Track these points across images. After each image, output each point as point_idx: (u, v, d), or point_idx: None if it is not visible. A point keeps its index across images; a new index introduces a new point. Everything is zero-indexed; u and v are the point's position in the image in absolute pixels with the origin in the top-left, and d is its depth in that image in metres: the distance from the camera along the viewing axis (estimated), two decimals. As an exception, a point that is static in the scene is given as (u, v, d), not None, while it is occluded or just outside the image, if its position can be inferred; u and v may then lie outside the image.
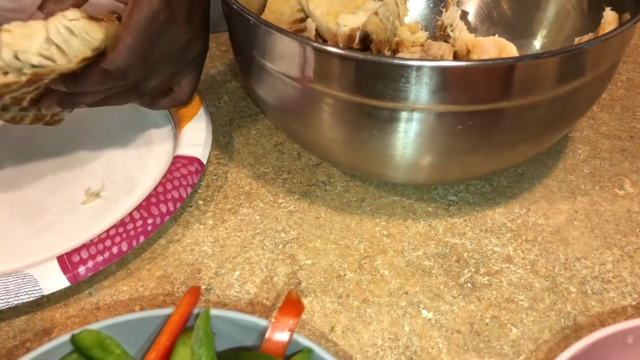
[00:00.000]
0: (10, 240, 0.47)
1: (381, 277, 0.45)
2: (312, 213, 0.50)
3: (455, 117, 0.40)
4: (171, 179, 0.48)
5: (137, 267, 0.45)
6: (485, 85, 0.38)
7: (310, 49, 0.39)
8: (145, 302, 0.43)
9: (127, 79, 0.45)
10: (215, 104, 0.61)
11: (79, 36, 0.41)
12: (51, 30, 0.41)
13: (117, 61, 0.43)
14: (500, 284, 0.44)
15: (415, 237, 0.48)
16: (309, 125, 0.44)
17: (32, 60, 0.41)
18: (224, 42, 0.69)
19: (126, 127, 0.57)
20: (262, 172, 0.53)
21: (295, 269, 0.45)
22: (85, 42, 0.42)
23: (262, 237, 0.48)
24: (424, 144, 0.41)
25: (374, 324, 0.42)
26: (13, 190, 0.51)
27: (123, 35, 0.43)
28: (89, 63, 0.43)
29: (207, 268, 0.45)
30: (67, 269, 0.42)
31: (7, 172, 0.52)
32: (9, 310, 0.43)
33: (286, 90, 0.43)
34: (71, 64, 0.42)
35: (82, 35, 0.42)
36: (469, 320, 0.42)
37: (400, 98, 0.38)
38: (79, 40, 0.42)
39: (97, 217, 0.48)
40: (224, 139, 0.57)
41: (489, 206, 0.50)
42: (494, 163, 0.45)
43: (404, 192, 0.51)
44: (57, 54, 0.41)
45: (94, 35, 0.42)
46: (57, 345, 0.33)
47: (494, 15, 0.60)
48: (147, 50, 0.44)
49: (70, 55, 0.42)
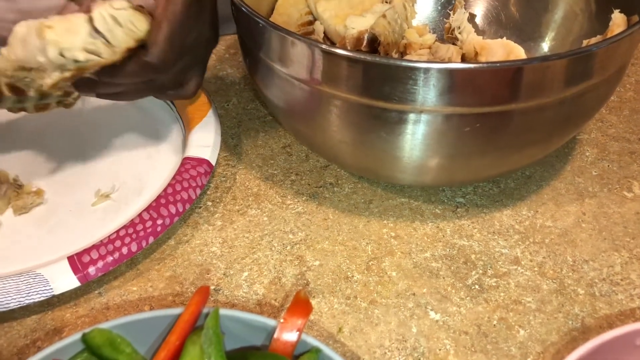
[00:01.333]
0: (21, 240, 0.48)
1: (389, 279, 0.45)
2: (320, 214, 0.50)
3: (463, 119, 0.40)
4: (180, 180, 0.49)
5: (147, 267, 0.46)
6: (493, 87, 0.39)
7: (319, 51, 0.39)
8: (154, 302, 0.43)
9: (165, 71, 0.45)
10: (224, 106, 0.61)
11: (124, 26, 0.41)
12: (97, 18, 0.40)
13: (158, 53, 0.43)
14: (508, 285, 0.44)
15: (422, 239, 0.48)
16: (317, 127, 0.44)
17: (78, 56, 0.41)
18: (232, 45, 0.69)
19: (135, 129, 0.57)
20: (271, 173, 0.54)
21: (303, 270, 0.46)
22: (130, 33, 0.42)
23: (270, 238, 0.48)
24: (432, 146, 0.41)
25: (381, 325, 0.42)
26: (24, 191, 0.52)
27: (162, 26, 0.43)
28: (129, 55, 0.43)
29: (215, 269, 0.46)
30: (77, 269, 0.43)
31: (18, 174, 0.52)
32: (21, 310, 0.43)
33: (294, 93, 0.44)
34: (115, 56, 0.42)
35: (128, 26, 0.41)
36: (477, 322, 0.42)
37: (408, 100, 0.39)
38: (124, 30, 0.41)
39: (107, 218, 0.49)
40: (232, 141, 0.57)
41: (496, 208, 0.50)
42: (502, 165, 0.46)
43: (412, 194, 0.51)
44: (103, 47, 0.41)
45: (139, 26, 0.42)
46: (68, 344, 0.33)
47: (501, 17, 0.60)
48: (181, 43, 0.44)
49: (115, 46, 0.41)
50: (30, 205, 0.50)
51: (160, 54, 0.43)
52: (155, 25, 0.43)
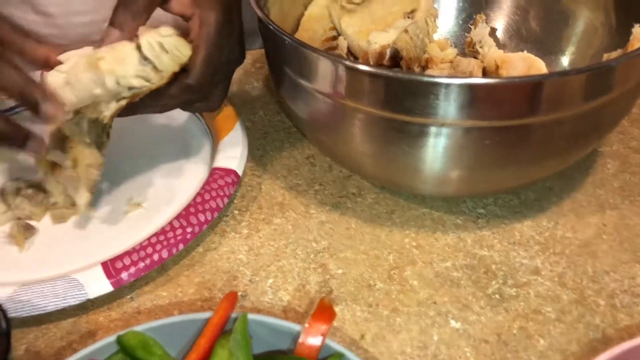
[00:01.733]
0: (58, 247, 0.50)
1: (410, 288, 0.46)
2: (342, 224, 0.51)
3: (483, 132, 0.41)
4: (209, 189, 0.51)
5: (177, 273, 0.48)
6: (513, 101, 0.40)
7: (342, 67, 0.41)
8: (183, 307, 0.45)
9: (203, 91, 0.47)
10: (251, 118, 0.63)
11: (170, 52, 0.43)
12: (144, 45, 0.42)
13: (197, 75, 0.45)
14: (528, 295, 0.45)
15: (444, 249, 0.49)
16: (341, 139, 0.46)
17: (134, 83, 0.43)
18: (259, 59, 0.71)
19: (167, 140, 0.60)
20: (295, 183, 0.55)
21: (326, 278, 0.47)
22: (175, 58, 0.43)
23: (295, 246, 0.50)
24: (453, 158, 0.43)
25: (403, 333, 0.43)
26: (60, 199, 0.54)
27: (200, 49, 0.44)
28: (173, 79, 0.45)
29: (242, 275, 0.47)
30: (110, 274, 0.45)
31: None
32: (57, 313, 0.45)
33: (318, 106, 0.45)
34: (162, 81, 0.44)
35: (173, 52, 0.43)
36: (497, 331, 0.43)
37: (429, 114, 0.40)
38: (170, 56, 0.43)
39: (139, 226, 0.51)
40: (258, 152, 0.59)
41: (517, 219, 0.51)
42: (522, 177, 0.46)
43: (433, 205, 0.52)
44: (152, 73, 0.43)
45: (183, 52, 0.44)
46: (104, 346, 0.35)
47: (522, 31, 0.61)
48: (216, 63, 0.46)
49: (162, 72, 0.43)
50: (68, 214, 0.52)
51: (200, 76, 0.45)
52: (194, 49, 0.45)
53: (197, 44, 0.45)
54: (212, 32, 0.45)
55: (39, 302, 0.43)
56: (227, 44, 0.47)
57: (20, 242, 0.50)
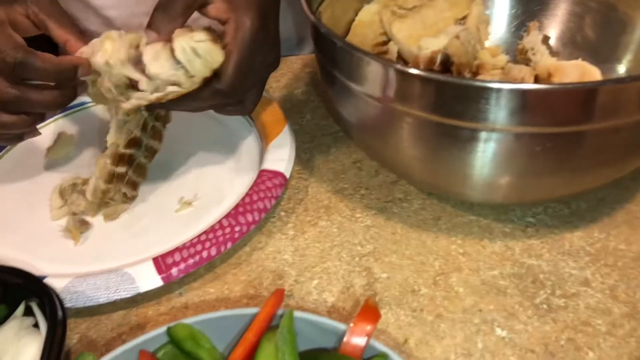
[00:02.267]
0: (111, 242, 0.52)
1: (456, 294, 0.46)
2: (388, 228, 0.51)
3: (534, 138, 0.40)
4: (257, 190, 0.51)
5: (224, 271, 0.49)
6: (566, 108, 0.39)
7: (393, 70, 0.41)
8: (230, 303, 0.46)
9: (234, 96, 0.47)
10: (299, 122, 0.64)
11: (202, 58, 0.43)
12: (177, 50, 0.43)
13: (229, 81, 0.45)
14: (577, 307, 0.44)
15: (491, 257, 0.48)
16: (389, 143, 0.46)
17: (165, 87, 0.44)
18: (309, 64, 0.72)
19: (217, 142, 0.61)
20: (341, 187, 0.56)
21: (371, 281, 0.47)
22: (207, 64, 0.43)
23: (340, 249, 0.50)
24: (502, 164, 0.42)
25: (447, 339, 0.43)
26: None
27: (232, 55, 0.45)
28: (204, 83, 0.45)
29: (287, 275, 0.48)
30: (161, 269, 0.46)
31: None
32: (108, 305, 0.47)
33: (368, 110, 0.46)
34: (194, 86, 0.44)
35: (205, 57, 0.43)
36: (544, 341, 0.42)
37: (480, 119, 0.40)
38: (202, 61, 0.43)
39: (189, 224, 0.52)
40: (305, 155, 0.60)
41: (567, 229, 0.50)
42: (573, 185, 0.46)
43: (481, 212, 0.52)
44: (183, 77, 0.43)
45: (216, 58, 0.44)
46: (154, 337, 0.36)
47: (577, 39, 0.59)
48: (248, 69, 0.46)
49: (194, 76, 0.44)
50: (120, 212, 0.54)
51: (231, 81, 0.45)
52: (227, 54, 0.45)
53: (230, 49, 0.45)
54: (247, 37, 0.45)
55: (92, 294, 0.45)
56: (261, 50, 0.47)
57: (75, 236, 0.52)
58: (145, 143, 0.54)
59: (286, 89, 0.69)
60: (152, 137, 0.55)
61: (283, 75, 0.71)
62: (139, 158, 0.54)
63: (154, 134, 0.55)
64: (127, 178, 0.53)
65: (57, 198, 0.55)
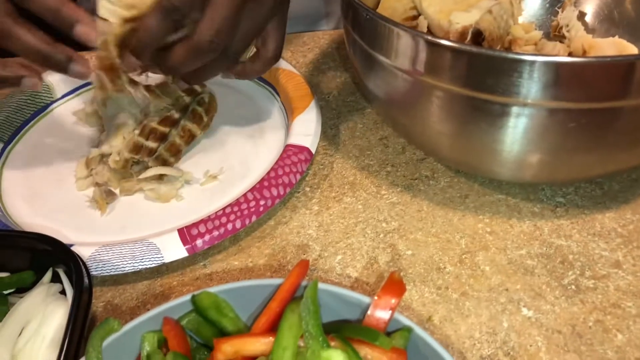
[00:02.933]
0: (137, 213, 0.52)
1: (482, 273, 0.45)
2: (414, 206, 0.51)
3: (568, 114, 0.39)
4: (282, 165, 0.51)
5: (248, 244, 0.49)
6: (602, 83, 0.38)
7: (423, 42, 0.40)
8: (254, 276, 0.46)
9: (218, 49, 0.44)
10: (325, 98, 0.63)
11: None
12: None
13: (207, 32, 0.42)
14: (607, 288, 0.43)
15: (519, 236, 0.47)
16: (417, 118, 0.45)
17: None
18: (336, 39, 0.72)
19: (243, 117, 0.61)
20: (367, 164, 0.55)
21: (395, 258, 0.46)
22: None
23: (364, 225, 0.49)
24: (534, 141, 0.41)
25: (472, 317, 0.42)
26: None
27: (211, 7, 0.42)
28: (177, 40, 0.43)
29: (311, 250, 0.48)
30: (186, 240, 0.46)
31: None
32: (133, 275, 0.47)
33: (397, 83, 0.45)
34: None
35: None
36: (571, 322, 0.41)
37: (512, 93, 0.39)
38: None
39: (214, 197, 0.52)
40: (331, 131, 0.59)
41: (598, 210, 0.49)
42: (607, 165, 0.44)
43: (510, 191, 0.51)
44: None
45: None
46: (178, 304, 0.36)
47: (614, 15, 0.57)
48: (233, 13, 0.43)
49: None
50: (135, 189, 0.54)
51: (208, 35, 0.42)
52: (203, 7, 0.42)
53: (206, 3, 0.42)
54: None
55: (117, 263, 0.45)
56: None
57: (102, 206, 0.52)
58: (182, 124, 0.54)
59: (313, 65, 0.68)
60: (192, 121, 0.55)
61: (310, 51, 0.70)
62: (174, 137, 0.54)
63: (193, 117, 0.55)
64: (157, 154, 0.53)
65: (83, 168, 0.55)
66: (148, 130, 0.52)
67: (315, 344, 0.32)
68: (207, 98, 0.56)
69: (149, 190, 0.52)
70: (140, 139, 0.52)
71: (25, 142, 0.61)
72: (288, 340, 0.32)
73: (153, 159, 0.53)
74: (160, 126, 0.53)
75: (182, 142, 0.55)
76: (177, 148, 0.54)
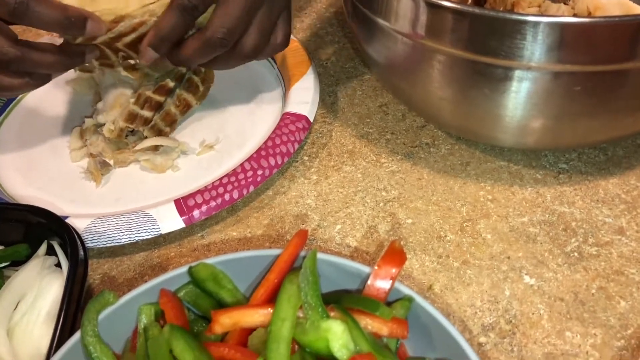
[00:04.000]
0: (133, 184, 0.51)
1: (483, 241, 0.44)
2: (414, 174, 0.50)
3: (573, 77, 0.38)
4: (280, 134, 0.50)
5: (246, 214, 0.48)
6: (609, 44, 0.37)
7: (424, 4, 0.39)
8: (252, 246, 0.45)
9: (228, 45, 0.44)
10: (323, 64, 0.62)
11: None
12: None
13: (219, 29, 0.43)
14: (610, 255, 0.42)
15: (521, 204, 0.46)
16: (418, 83, 0.44)
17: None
18: (333, 4, 0.70)
19: (239, 85, 0.59)
20: (366, 132, 0.54)
21: (395, 227, 0.46)
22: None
23: (364, 194, 0.49)
24: (537, 106, 0.40)
25: (473, 286, 0.42)
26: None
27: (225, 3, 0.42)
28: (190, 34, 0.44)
29: (310, 220, 0.47)
30: (183, 211, 0.45)
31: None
32: (130, 246, 0.47)
33: (397, 48, 0.43)
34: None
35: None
36: (574, 290, 0.41)
37: (515, 56, 0.37)
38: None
39: (211, 167, 0.51)
40: (329, 99, 0.58)
41: (602, 176, 0.48)
42: (612, 130, 0.43)
43: (512, 158, 0.50)
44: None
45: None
46: (175, 276, 0.36)
47: (620, -25, 0.56)
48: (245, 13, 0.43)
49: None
50: (129, 161, 0.53)
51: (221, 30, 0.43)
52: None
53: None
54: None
55: (114, 235, 0.45)
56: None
57: (97, 178, 0.51)
58: (178, 93, 0.53)
59: (310, 30, 0.66)
60: (187, 90, 0.53)
61: (307, 16, 0.68)
62: (169, 106, 0.53)
63: (189, 86, 0.54)
64: (152, 124, 0.52)
65: (77, 139, 0.54)
66: (143, 100, 0.51)
67: (315, 314, 0.31)
68: (203, 68, 0.55)
69: (144, 160, 0.51)
70: (135, 108, 0.51)
71: (17, 113, 0.60)
72: (287, 311, 0.31)
73: (148, 129, 0.52)
74: (156, 95, 0.51)
75: (178, 111, 0.53)
76: (173, 118, 0.53)
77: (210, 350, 0.31)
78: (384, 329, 0.31)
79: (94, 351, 0.33)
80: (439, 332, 0.32)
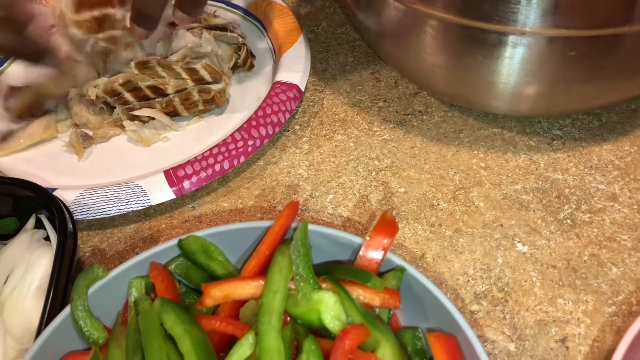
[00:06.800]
0: (122, 155, 0.50)
1: (476, 209, 0.44)
2: (407, 142, 0.49)
3: (569, 42, 0.37)
4: (270, 104, 0.49)
5: (237, 185, 0.47)
6: (605, 8, 0.36)
7: (416, -33, 0.38)
8: (244, 217, 0.45)
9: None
10: (314, 30, 0.61)
11: None
12: None
13: None
14: (603, 222, 0.42)
15: (514, 171, 0.46)
16: (411, 50, 0.43)
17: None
18: (323, -32, 0.68)
19: (227, 52, 0.58)
20: (358, 99, 0.53)
21: (388, 196, 0.45)
22: None
23: (356, 163, 0.48)
24: (532, 71, 0.39)
25: (465, 254, 0.42)
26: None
27: None
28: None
29: (302, 190, 0.46)
30: (172, 182, 0.45)
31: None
32: (120, 218, 0.46)
33: (389, 13, 0.42)
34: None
35: None
36: (566, 257, 0.41)
37: (509, 20, 0.36)
38: None
39: (200, 138, 0.51)
40: (320, 66, 0.57)
41: (595, 142, 0.47)
42: (607, 95, 0.43)
43: (505, 125, 0.49)
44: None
45: None
46: (165, 249, 0.35)
47: None
48: None
49: None
50: (109, 136, 0.52)
51: None
52: None
53: None
54: None
55: (103, 206, 0.44)
56: None
57: (79, 151, 0.50)
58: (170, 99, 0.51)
59: (300, -4, 0.65)
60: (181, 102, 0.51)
61: (297, -19, 0.67)
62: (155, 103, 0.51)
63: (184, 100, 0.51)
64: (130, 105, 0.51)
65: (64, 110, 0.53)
66: (133, 87, 0.50)
67: (306, 286, 0.31)
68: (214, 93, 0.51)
69: (131, 131, 0.50)
70: (121, 89, 0.49)
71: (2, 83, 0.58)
72: (278, 283, 0.31)
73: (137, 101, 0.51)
74: (148, 90, 0.50)
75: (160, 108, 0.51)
76: (151, 106, 0.51)
77: (202, 323, 0.31)
78: (376, 300, 0.31)
79: (84, 325, 0.32)
80: (431, 302, 0.32)
